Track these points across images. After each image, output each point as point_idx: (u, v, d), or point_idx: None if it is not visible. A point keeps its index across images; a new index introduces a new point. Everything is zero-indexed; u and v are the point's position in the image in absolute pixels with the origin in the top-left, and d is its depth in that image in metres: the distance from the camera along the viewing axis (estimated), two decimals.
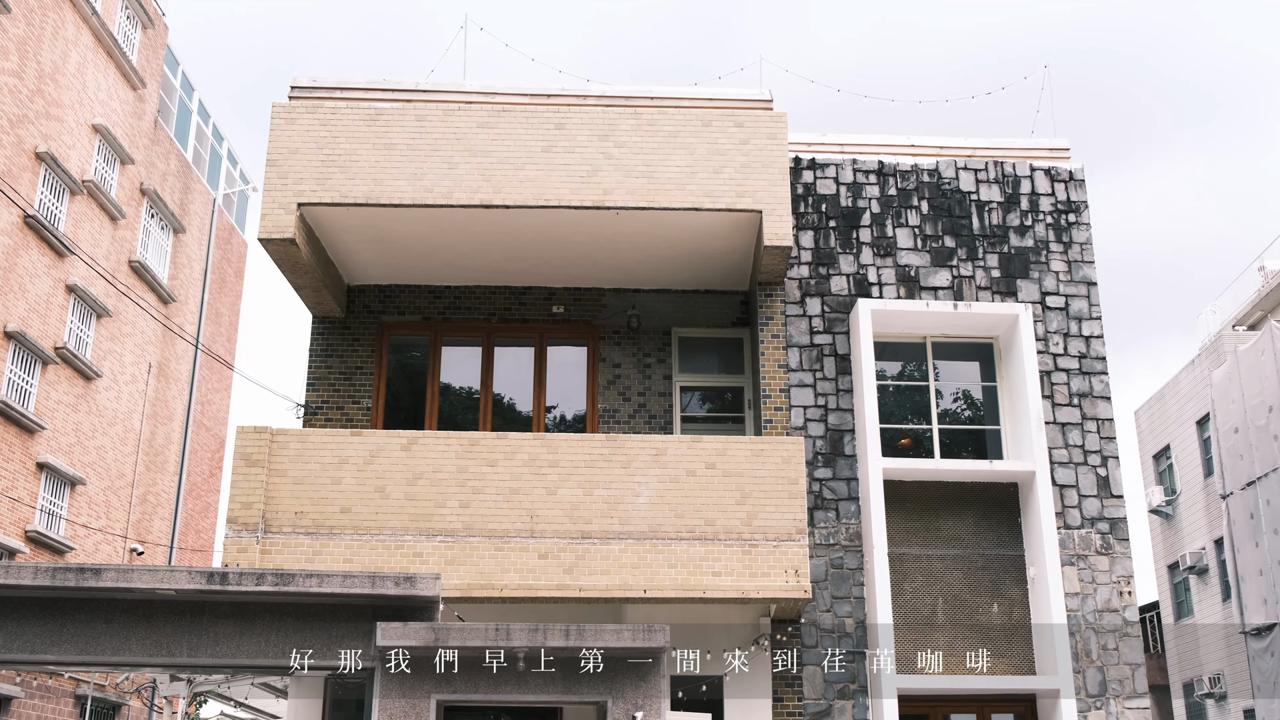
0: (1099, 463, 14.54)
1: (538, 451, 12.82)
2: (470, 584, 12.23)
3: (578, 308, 15.52)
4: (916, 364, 15.06)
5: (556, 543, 12.46)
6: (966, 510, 14.36)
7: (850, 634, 13.70)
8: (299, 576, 9.07)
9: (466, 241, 14.48)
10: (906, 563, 14.09)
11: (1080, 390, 14.78)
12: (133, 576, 9.01)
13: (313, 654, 9.21)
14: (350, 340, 15.35)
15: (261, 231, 13.45)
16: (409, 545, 12.39)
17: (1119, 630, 13.94)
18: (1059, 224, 15.37)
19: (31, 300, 23.76)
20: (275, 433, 12.80)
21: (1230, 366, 26.73)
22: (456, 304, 15.53)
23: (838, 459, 14.31)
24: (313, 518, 12.47)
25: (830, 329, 14.79)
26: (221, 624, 9.28)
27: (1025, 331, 14.47)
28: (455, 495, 12.59)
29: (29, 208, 23.31)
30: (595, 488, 12.66)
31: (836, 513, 14.10)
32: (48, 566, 9.07)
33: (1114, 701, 13.67)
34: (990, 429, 14.89)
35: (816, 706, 13.43)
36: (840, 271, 15.03)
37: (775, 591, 12.42)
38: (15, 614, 9.17)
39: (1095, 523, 14.31)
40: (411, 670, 9.06)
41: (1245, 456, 25.76)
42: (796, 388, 14.51)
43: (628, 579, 12.35)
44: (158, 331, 28.97)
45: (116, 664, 9.32)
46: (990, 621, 14.02)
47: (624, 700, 9.10)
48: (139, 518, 27.83)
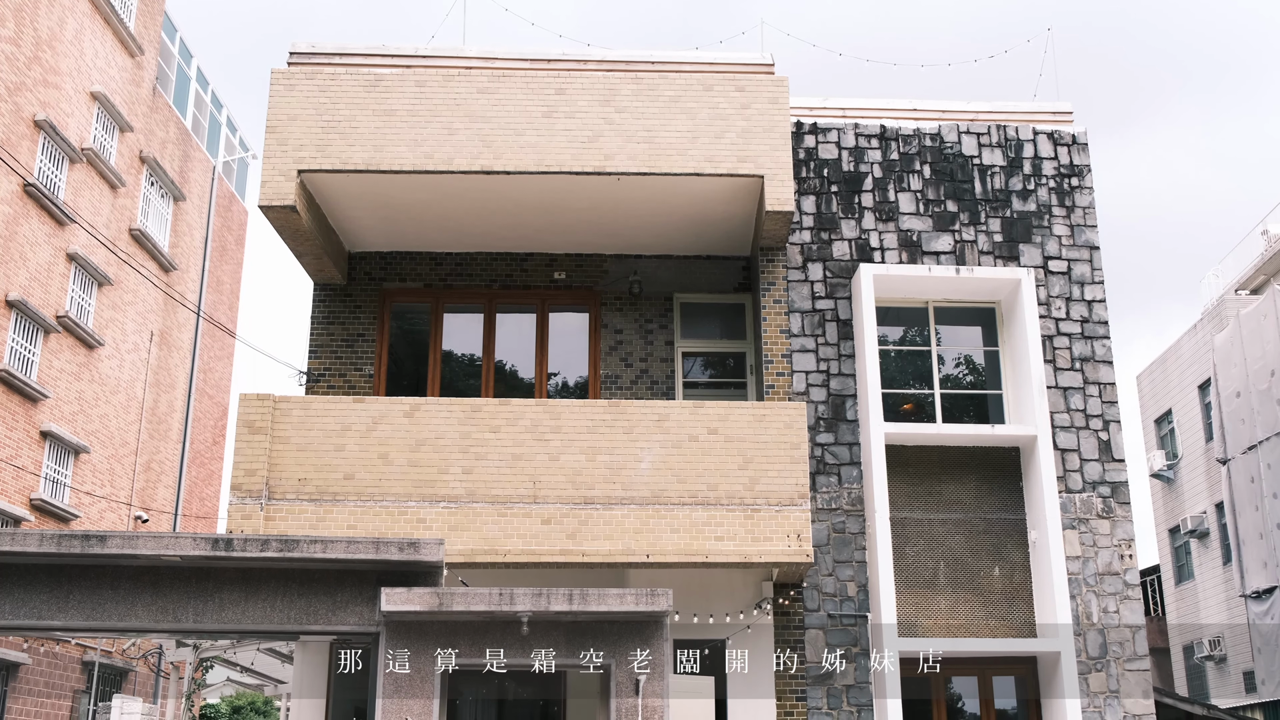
0: (1100, 427, 14.56)
1: (540, 417, 12.84)
2: (474, 549, 12.28)
3: (579, 274, 15.50)
4: (918, 329, 15.06)
5: (559, 508, 12.50)
6: (968, 474, 14.39)
7: (852, 597, 13.76)
8: (303, 542, 9.11)
9: (467, 208, 14.45)
10: (908, 527, 14.14)
11: (1082, 354, 14.78)
12: (138, 543, 9.05)
13: (318, 619, 9.26)
14: (352, 307, 15.35)
15: (262, 199, 13.42)
16: (412, 511, 12.43)
17: (1120, 593, 14.00)
18: (1061, 188, 15.32)
19: (32, 269, 23.75)
20: (278, 400, 12.82)
21: (1232, 331, 26.72)
22: (458, 270, 15.52)
23: (839, 424, 14.33)
24: (316, 484, 12.51)
25: (832, 294, 14.78)
26: (227, 590, 9.33)
27: (1027, 296, 14.45)
28: (458, 461, 12.63)
29: (29, 176, 23.25)
30: (598, 453, 12.69)
31: (838, 477, 14.14)
32: (53, 534, 9.11)
33: (1114, 663, 13.75)
34: (992, 393, 14.90)
35: (818, 670, 13.51)
36: (842, 236, 15.00)
37: (777, 556, 12.47)
38: (22, 581, 9.22)
39: (1096, 486, 14.35)
40: (416, 635, 9.12)
41: (1246, 420, 25.79)
42: (798, 353, 14.51)
43: (630, 544, 12.40)
44: (159, 300, 28.97)
45: (123, 629, 9.38)
46: (991, 585, 14.09)
47: (626, 664, 9.15)
48: (143, 485, 27.93)
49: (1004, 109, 15.68)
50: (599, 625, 9.25)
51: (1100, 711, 13.54)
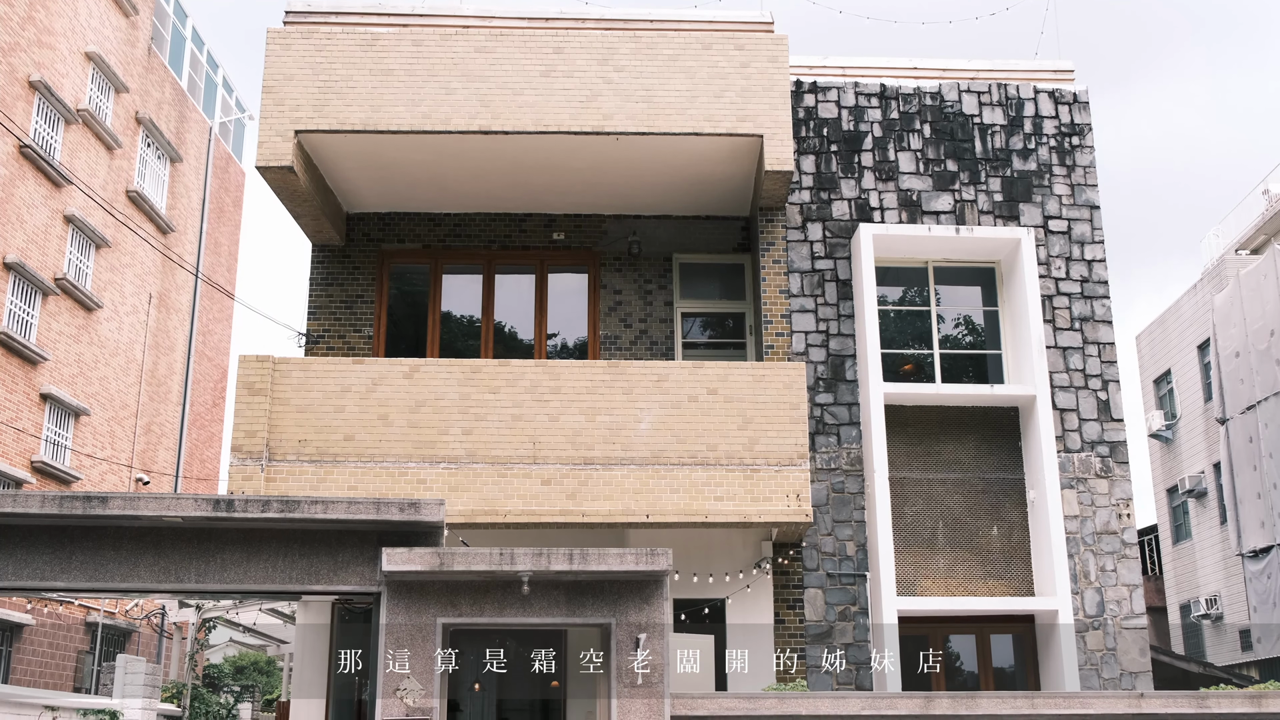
0: (1099, 387, 14.57)
1: (539, 378, 12.85)
2: (474, 510, 12.33)
3: (578, 234, 15.46)
4: (918, 289, 15.04)
5: (559, 469, 12.53)
6: (967, 434, 14.42)
7: (851, 557, 13.83)
8: (304, 503, 9.13)
9: (466, 168, 14.39)
10: (907, 487, 14.18)
11: (1082, 314, 14.77)
12: (140, 504, 9.07)
13: (319, 579, 9.31)
14: (350, 269, 15.32)
15: (259, 160, 13.37)
16: (412, 472, 12.46)
17: (1117, 552, 14.07)
18: (1062, 147, 15.26)
19: (30, 231, 23.68)
20: (278, 361, 12.82)
21: (1232, 290, 26.69)
22: (456, 231, 15.48)
23: (839, 384, 14.34)
24: (316, 446, 12.54)
25: (831, 254, 14.75)
26: (229, 550, 9.36)
27: (1027, 255, 14.43)
28: (458, 422, 12.64)
29: (24, 137, 23.14)
30: (597, 414, 12.71)
31: (837, 437, 14.16)
32: (55, 495, 9.13)
33: (1111, 622, 13.84)
34: (991, 353, 14.91)
35: (817, 628, 13.60)
36: (841, 196, 14.95)
37: (777, 516, 12.51)
38: (24, 542, 9.25)
39: (1095, 446, 14.38)
40: (417, 595, 9.17)
41: (1245, 381, 25.82)
42: (798, 313, 14.50)
43: (630, 504, 12.44)
44: (157, 262, 28.91)
45: (125, 589, 9.42)
46: (990, 544, 14.15)
47: (627, 623, 9.20)
48: (143, 448, 27.99)
49: (1005, 67, 15.59)
50: (599, 585, 9.30)
51: (1097, 669, 13.64)
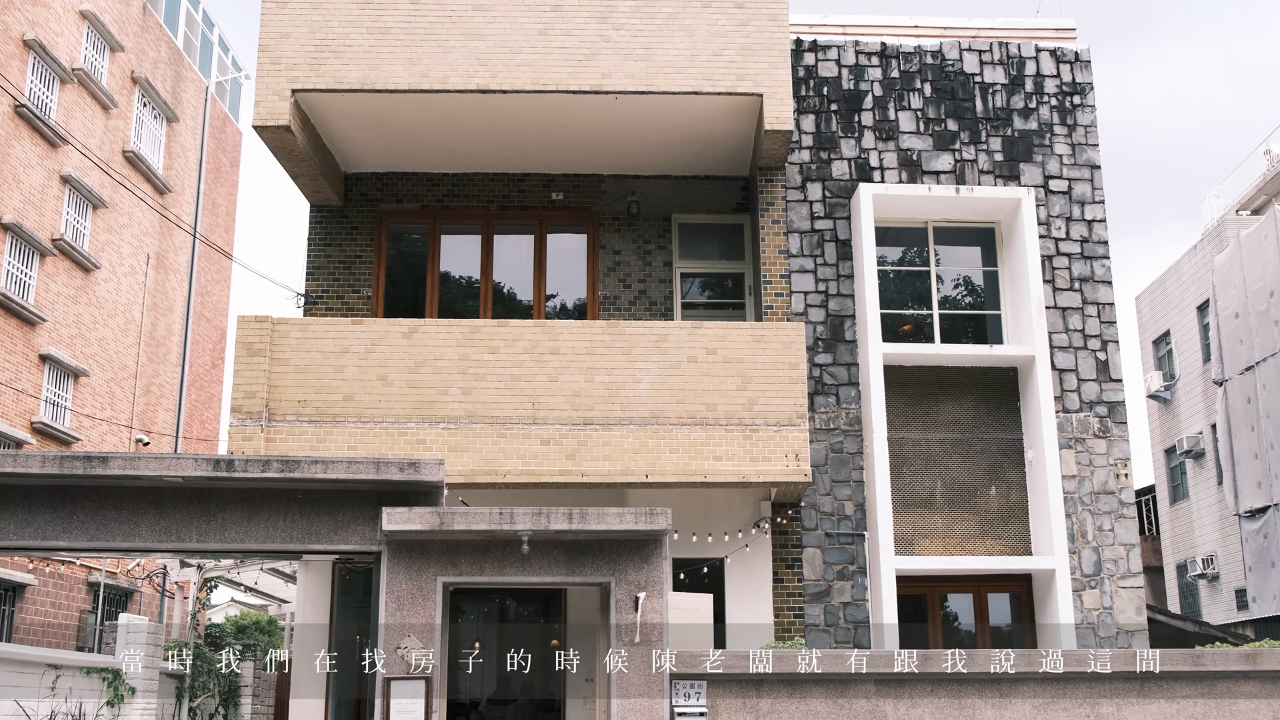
0: (1099, 347, 14.57)
1: (539, 339, 12.85)
2: (473, 470, 12.36)
3: (577, 195, 15.41)
4: (918, 249, 15.01)
5: (558, 429, 12.55)
6: (966, 395, 14.43)
7: (849, 517, 13.88)
8: (304, 463, 9.14)
9: (464, 128, 14.32)
10: (905, 447, 14.21)
11: (1081, 275, 14.75)
12: (140, 464, 9.09)
13: (320, 539, 9.34)
14: (349, 229, 15.27)
15: (256, 119, 13.29)
16: (412, 432, 12.48)
17: (1115, 512, 14.12)
18: (1063, 106, 15.17)
19: (26, 191, 23.58)
20: (276, 322, 12.81)
21: (1232, 251, 26.64)
22: (455, 191, 15.42)
23: (838, 344, 14.34)
24: (316, 406, 12.55)
25: (831, 214, 14.70)
26: (229, 510, 9.39)
27: (1027, 216, 14.39)
28: (457, 383, 12.65)
29: (19, 96, 23.00)
30: (596, 374, 12.72)
31: (837, 398, 14.18)
32: (55, 455, 9.15)
33: (1108, 581, 13.91)
34: (990, 314, 14.90)
35: (816, 587, 13.67)
36: (841, 156, 14.88)
37: (775, 476, 12.55)
38: (25, 502, 9.28)
39: (1094, 406, 14.40)
40: (417, 554, 9.20)
41: (1245, 342, 25.82)
42: (797, 273, 14.48)
43: (629, 464, 12.47)
44: (155, 222, 28.81)
45: (127, 549, 9.45)
46: (988, 504, 14.20)
47: (626, 582, 9.24)
48: (143, 409, 28.01)
49: (1006, 26, 15.49)
50: (599, 544, 9.34)
51: (1094, 628, 13.73)
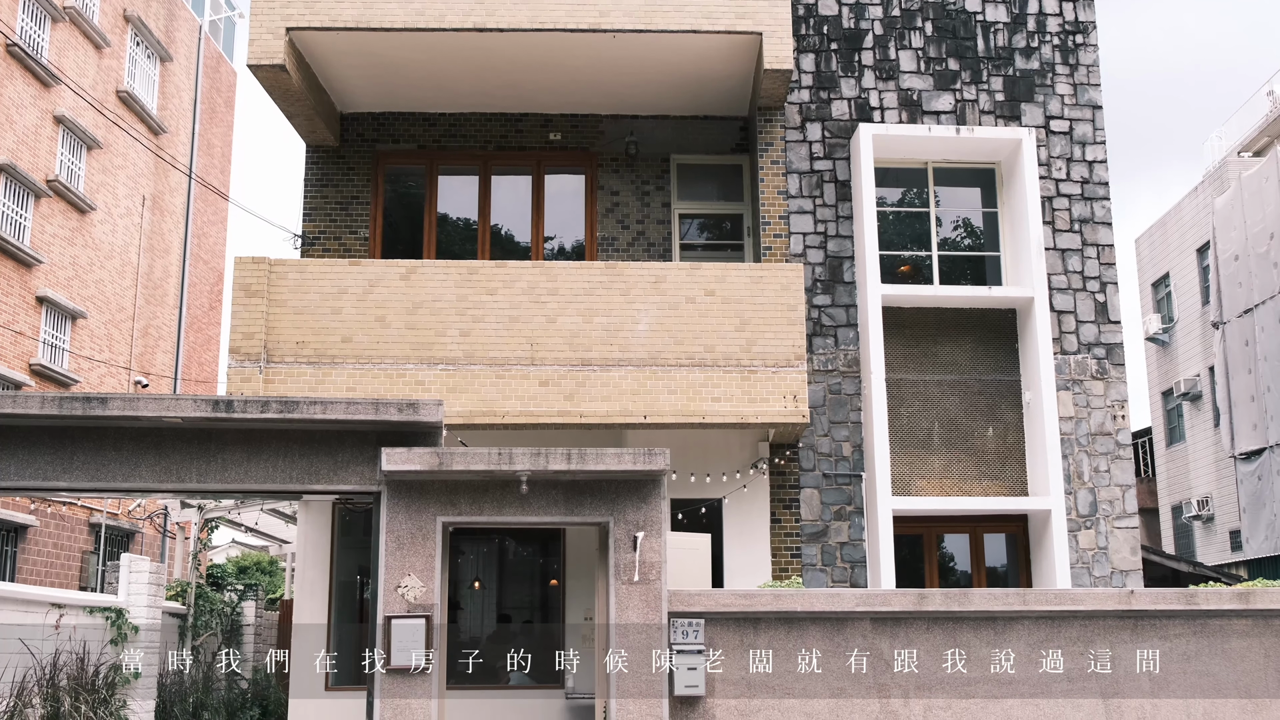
0: (1098, 289, 14.55)
1: (537, 280, 12.82)
2: (472, 411, 12.38)
3: (575, 135, 15.30)
4: (917, 190, 14.93)
5: (557, 370, 12.56)
6: (964, 336, 14.43)
7: (847, 458, 13.93)
8: (303, 404, 9.15)
9: (461, 67, 14.18)
10: (903, 388, 14.24)
11: (1081, 216, 14.69)
12: (139, 405, 9.09)
13: (319, 479, 9.37)
14: (345, 169, 15.18)
15: (250, 58, 13.16)
16: (411, 374, 12.49)
17: (1111, 453, 14.17)
18: (1065, 45, 15.03)
19: (20, 132, 23.41)
20: (274, 263, 12.77)
21: (1233, 193, 26.54)
22: (452, 131, 15.30)
23: (837, 286, 14.31)
24: (314, 347, 12.55)
25: (830, 155, 14.61)
26: (229, 450, 9.41)
27: (1028, 156, 14.30)
28: (455, 324, 12.64)
29: (11, 34, 22.75)
30: (595, 315, 12.70)
31: (835, 339, 14.18)
32: (54, 396, 9.15)
33: (1104, 521, 13.99)
34: (989, 255, 14.86)
35: (813, 528, 13.75)
36: (841, 96, 14.76)
37: (773, 417, 12.58)
38: (25, 442, 9.30)
39: (1092, 348, 14.41)
40: (417, 494, 9.24)
41: (1244, 284, 25.80)
42: (796, 214, 14.42)
43: (628, 405, 12.49)
44: (150, 164, 28.63)
45: (127, 489, 9.49)
46: (985, 445, 14.25)
47: (625, 521, 9.29)
48: (141, 351, 28.01)
49: None
50: (597, 484, 9.37)
51: (1088, 567, 13.83)
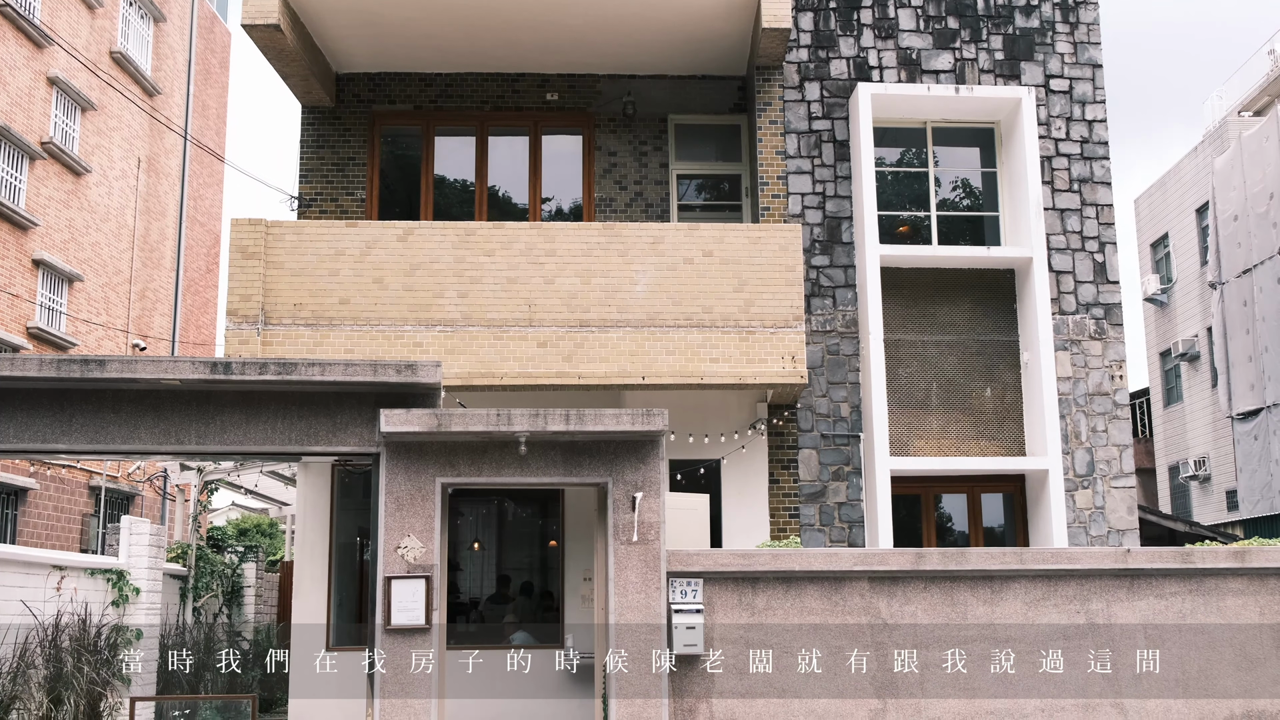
0: (1096, 249, 14.53)
1: (534, 241, 12.78)
2: (470, 372, 12.38)
3: (572, 95, 15.21)
4: (916, 150, 14.87)
5: (555, 331, 12.55)
6: (963, 297, 14.42)
7: (845, 418, 13.95)
8: (301, 365, 9.14)
9: (456, 26, 14.08)
10: (902, 349, 14.24)
11: (1081, 175, 14.64)
12: (137, 367, 9.08)
13: (318, 440, 9.38)
14: (341, 130, 15.10)
15: (244, 18, 13.05)
16: (409, 335, 12.48)
17: (1109, 413, 14.20)
18: (1065, 3, 14.92)
19: (13, 93, 23.26)
20: (270, 225, 12.72)
21: (1233, 153, 26.45)
22: (448, 92, 15.21)
23: (835, 246, 14.28)
24: (312, 309, 12.53)
25: (829, 114, 14.54)
26: (228, 413, 9.41)
27: (1027, 115, 14.23)
28: (453, 285, 12.61)
29: None
30: (593, 276, 12.68)
31: (833, 300, 14.17)
32: (52, 358, 9.14)
33: (1100, 481, 14.04)
34: (988, 215, 14.82)
35: (811, 488, 13.80)
36: (840, 55, 14.67)
37: (772, 377, 12.58)
38: (24, 405, 9.30)
39: (1090, 308, 14.40)
40: (416, 455, 9.26)
41: (1243, 244, 25.76)
42: (794, 175, 14.36)
43: (626, 366, 12.49)
44: (145, 125, 28.48)
45: (127, 451, 9.49)
46: (983, 405, 14.27)
47: (624, 482, 9.32)
48: (139, 314, 27.98)
49: None
50: (596, 445, 9.39)
51: (1085, 527, 13.90)
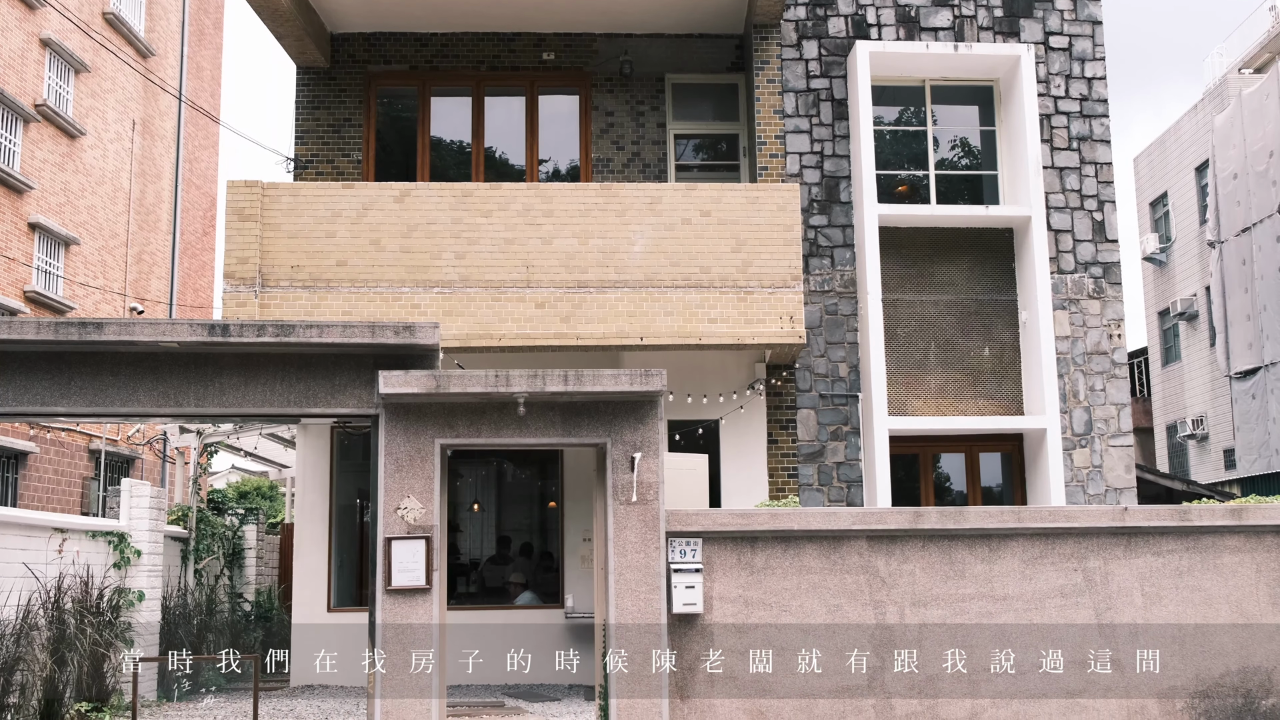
0: (1095, 207, 14.48)
1: (531, 201, 12.74)
2: (468, 334, 12.37)
3: (569, 54, 15.11)
4: (914, 109, 14.79)
5: (553, 292, 12.53)
6: (961, 256, 14.40)
7: (843, 378, 13.96)
8: (299, 327, 9.11)
9: None
10: (900, 308, 14.23)
11: (1080, 133, 14.57)
12: (135, 330, 9.04)
13: (317, 402, 9.37)
14: (337, 91, 15.01)
15: None
16: (406, 297, 12.46)
17: (1107, 372, 14.21)
18: None
19: (6, 56, 23.09)
20: (267, 186, 12.67)
21: (1233, 111, 26.32)
22: (444, 52, 15.10)
23: (833, 206, 14.23)
24: (309, 271, 12.50)
25: (827, 73, 14.45)
26: (226, 375, 9.39)
27: (1026, 73, 14.15)
28: (450, 247, 12.58)
29: None
30: (590, 237, 12.65)
31: (831, 259, 14.14)
32: (50, 321, 9.12)
33: (1098, 440, 14.07)
34: (987, 174, 14.76)
35: (810, 448, 13.83)
36: (838, 12, 14.56)
37: (770, 337, 12.58)
38: (22, 368, 9.28)
39: (1089, 267, 14.38)
40: (415, 417, 9.26)
41: (1242, 203, 25.69)
42: (792, 134, 14.29)
43: (624, 327, 12.48)
44: (139, 87, 28.29)
45: (125, 414, 9.48)
46: (981, 364, 14.28)
47: (622, 442, 9.32)
48: (135, 277, 27.91)
49: None
50: (594, 406, 9.38)
51: (1083, 486, 13.94)
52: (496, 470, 15.14)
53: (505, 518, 15.17)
